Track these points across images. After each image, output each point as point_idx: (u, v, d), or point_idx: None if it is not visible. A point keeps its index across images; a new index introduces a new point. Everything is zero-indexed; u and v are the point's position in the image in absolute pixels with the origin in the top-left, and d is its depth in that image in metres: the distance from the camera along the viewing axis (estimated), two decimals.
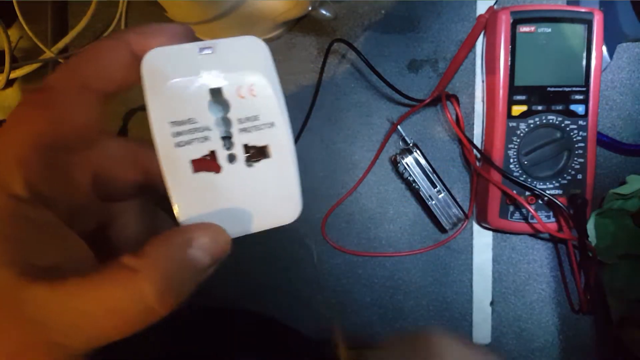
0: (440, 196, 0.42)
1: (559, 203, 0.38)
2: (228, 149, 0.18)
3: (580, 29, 0.39)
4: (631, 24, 0.42)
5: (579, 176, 0.40)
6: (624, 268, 0.42)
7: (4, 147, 0.17)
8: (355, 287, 0.44)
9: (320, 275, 0.39)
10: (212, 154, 0.18)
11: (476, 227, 0.44)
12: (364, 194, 0.44)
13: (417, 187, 0.42)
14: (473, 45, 0.42)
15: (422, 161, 0.42)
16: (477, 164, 0.42)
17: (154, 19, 0.45)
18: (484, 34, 0.42)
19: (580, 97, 0.40)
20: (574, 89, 0.40)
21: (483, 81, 0.43)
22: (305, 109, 0.44)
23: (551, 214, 0.40)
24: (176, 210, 0.18)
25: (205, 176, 0.18)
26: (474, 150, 0.42)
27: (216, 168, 0.18)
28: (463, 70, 0.43)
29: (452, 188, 0.43)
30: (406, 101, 0.43)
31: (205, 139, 0.18)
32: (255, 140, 0.18)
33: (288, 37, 0.44)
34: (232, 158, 0.18)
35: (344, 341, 0.34)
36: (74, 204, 0.18)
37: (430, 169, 0.42)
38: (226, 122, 0.18)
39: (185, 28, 0.20)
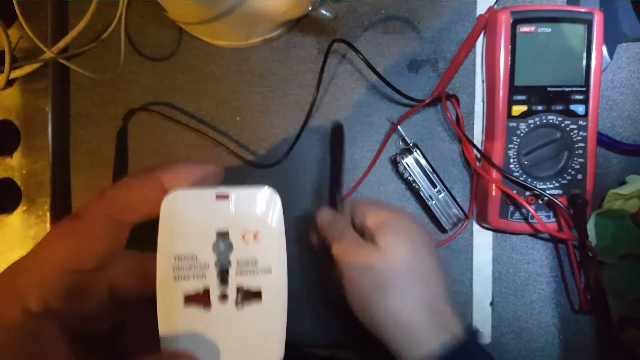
0: (440, 196, 0.42)
1: (559, 203, 0.38)
2: (222, 288, 0.19)
3: (580, 29, 0.39)
4: (631, 23, 0.42)
5: (579, 176, 0.40)
6: (624, 268, 0.42)
7: (30, 264, 0.19)
8: None
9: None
10: (206, 291, 0.19)
11: (476, 227, 0.44)
12: (364, 194, 0.44)
13: (417, 187, 0.42)
14: (473, 45, 0.42)
15: (422, 161, 0.42)
16: (477, 164, 0.42)
17: (154, 19, 0.45)
18: (484, 34, 0.42)
19: (580, 97, 0.40)
20: (574, 89, 0.40)
21: (483, 81, 0.43)
22: (306, 109, 0.44)
23: (551, 214, 0.40)
24: (161, 336, 0.19)
25: (195, 311, 0.19)
26: (474, 150, 0.42)
27: (207, 305, 0.19)
28: (463, 70, 0.43)
29: (452, 188, 0.43)
30: (406, 101, 0.43)
31: (203, 276, 0.19)
32: (250, 283, 0.20)
33: (288, 37, 0.44)
34: (224, 298, 0.19)
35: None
36: (87, 314, 0.20)
37: (430, 169, 0.42)
38: (226, 262, 0.19)
39: (215, 171, 0.23)
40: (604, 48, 0.42)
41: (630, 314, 0.41)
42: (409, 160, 0.42)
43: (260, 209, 0.20)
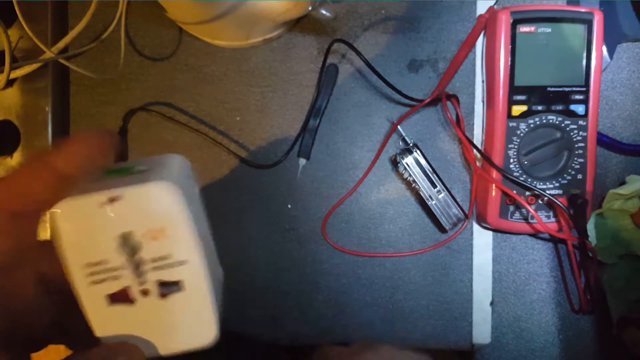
0: (440, 196, 0.42)
1: (559, 203, 0.38)
2: (141, 284, 0.19)
3: (580, 29, 0.39)
4: (631, 24, 0.42)
5: (579, 176, 0.40)
6: (624, 268, 0.42)
7: None
8: (356, 287, 0.44)
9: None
10: (127, 288, 0.19)
11: (476, 227, 0.44)
12: (364, 194, 0.44)
13: (417, 187, 0.42)
14: (473, 45, 0.42)
15: (422, 161, 0.42)
16: (477, 164, 0.42)
17: (154, 19, 0.45)
18: (484, 34, 0.42)
19: (580, 97, 0.40)
20: (574, 89, 0.40)
21: (483, 81, 0.43)
22: (305, 109, 0.44)
23: (551, 214, 0.40)
24: (98, 337, 0.19)
25: (121, 307, 0.20)
26: (474, 150, 0.42)
27: (130, 300, 0.20)
28: (463, 70, 0.43)
29: (452, 188, 0.43)
30: (406, 101, 0.43)
31: (118, 277, 0.19)
32: (168, 276, 0.20)
33: (288, 37, 0.44)
34: (145, 292, 0.20)
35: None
36: (18, 312, 0.20)
37: (430, 169, 0.42)
38: (138, 261, 0.19)
39: (110, 139, 0.21)
40: (604, 48, 0.42)
41: (630, 314, 0.41)
42: (409, 160, 0.42)
43: (159, 203, 0.19)
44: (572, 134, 0.40)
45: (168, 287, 0.20)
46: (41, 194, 0.19)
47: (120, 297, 0.19)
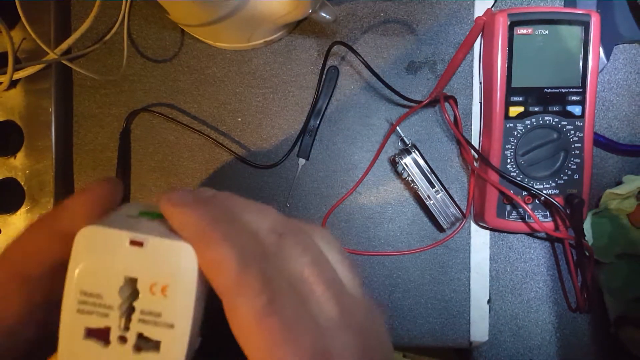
0: (438, 196, 0.42)
1: (555, 203, 0.39)
2: (122, 331, 0.19)
3: (577, 30, 0.39)
4: (628, 25, 0.43)
5: (576, 176, 0.40)
6: (621, 267, 0.42)
7: None
8: None
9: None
10: (107, 329, 0.19)
11: (474, 227, 0.45)
12: (363, 194, 0.45)
13: (415, 187, 0.42)
14: (471, 47, 0.43)
15: (421, 161, 0.42)
16: (475, 164, 0.43)
17: (156, 21, 0.45)
18: (482, 36, 0.43)
19: (577, 98, 0.40)
20: (571, 90, 0.40)
21: (481, 82, 0.43)
22: (306, 110, 0.45)
23: (548, 213, 0.41)
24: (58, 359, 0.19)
25: (94, 345, 0.19)
26: (472, 151, 0.42)
27: (106, 341, 0.19)
28: (461, 71, 0.44)
29: (450, 188, 0.44)
30: (405, 102, 0.43)
31: (106, 315, 0.19)
32: (151, 333, 0.19)
33: (289, 39, 0.45)
34: (123, 339, 0.19)
35: None
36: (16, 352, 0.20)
37: (428, 169, 0.42)
38: (130, 308, 0.19)
39: (105, 189, 0.21)
40: (601, 49, 0.42)
41: (627, 312, 0.42)
42: (407, 160, 0.42)
43: (174, 263, 0.19)
44: (568, 134, 0.40)
45: (146, 343, 0.19)
46: (50, 255, 0.20)
47: (98, 335, 0.19)
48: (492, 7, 0.42)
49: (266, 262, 0.18)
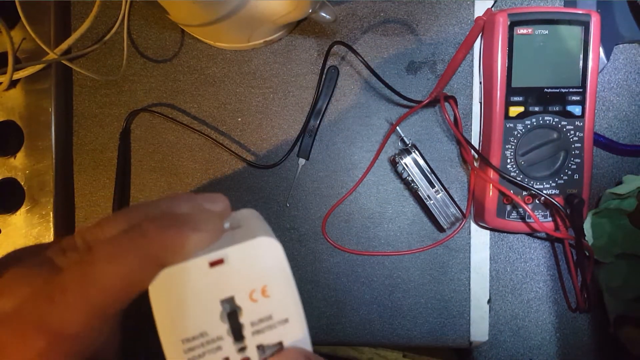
0: (438, 196, 0.42)
1: (555, 202, 0.39)
2: (241, 353, 0.18)
3: (577, 30, 0.39)
4: (628, 25, 0.43)
5: (576, 176, 0.40)
6: (621, 267, 0.42)
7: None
8: (355, 285, 0.45)
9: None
10: (226, 359, 0.18)
11: (474, 227, 0.45)
12: (363, 194, 0.45)
13: (415, 187, 0.42)
14: (471, 47, 0.43)
15: (421, 161, 0.42)
16: (475, 164, 0.43)
17: (156, 21, 0.45)
18: (482, 36, 0.43)
19: (577, 98, 0.40)
20: (571, 90, 0.40)
21: (481, 82, 0.43)
22: (306, 110, 0.45)
23: (548, 213, 0.41)
24: None
25: None
26: (472, 151, 0.42)
27: None
28: (461, 71, 0.44)
29: (450, 188, 0.44)
30: (405, 102, 0.43)
31: (219, 348, 0.18)
32: (269, 339, 0.18)
33: (289, 39, 0.45)
34: None
35: None
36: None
37: (428, 169, 0.42)
38: (239, 327, 0.18)
39: (223, 206, 0.19)
40: (601, 49, 0.42)
41: (627, 312, 0.42)
42: (407, 160, 0.42)
43: (260, 261, 0.18)
44: (568, 134, 0.40)
45: (269, 350, 0.18)
46: (134, 288, 0.17)
47: None
48: (492, 7, 0.42)
49: None
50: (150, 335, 0.17)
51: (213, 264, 0.17)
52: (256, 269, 0.18)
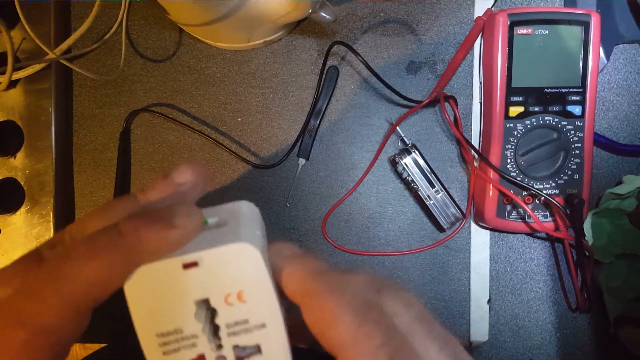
0: (438, 196, 0.42)
1: (555, 203, 0.39)
2: (217, 351, 0.18)
3: (577, 30, 0.39)
4: (628, 25, 0.43)
5: (576, 176, 0.40)
6: (621, 267, 0.42)
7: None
8: None
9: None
10: (202, 356, 0.18)
11: (474, 227, 0.45)
12: (363, 194, 0.45)
13: (415, 187, 0.42)
14: (471, 47, 0.43)
15: (421, 161, 0.42)
16: (475, 164, 0.43)
17: (156, 21, 0.45)
18: (482, 36, 0.43)
19: (577, 98, 0.40)
20: (571, 90, 0.40)
21: (481, 82, 0.43)
22: (306, 110, 0.45)
23: (548, 213, 0.41)
24: None
25: None
26: (472, 151, 0.42)
27: None
28: (461, 71, 0.44)
29: (450, 188, 0.44)
30: (405, 102, 0.43)
31: (193, 345, 0.18)
32: (246, 341, 0.18)
33: (289, 39, 0.45)
34: (222, 359, 0.18)
35: None
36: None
37: (428, 169, 0.42)
38: (214, 328, 0.18)
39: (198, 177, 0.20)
40: (601, 49, 0.42)
41: (627, 312, 0.42)
42: (407, 160, 0.42)
43: (239, 266, 0.18)
44: (568, 134, 0.40)
45: (243, 350, 0.18)
46: (112, 283, 0.17)
47: None
48: (492, 7, 0.42)
49: (380, 316, 0.17)
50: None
51: (187, 265, 0.17)
52: (231, 274, 0.18)
